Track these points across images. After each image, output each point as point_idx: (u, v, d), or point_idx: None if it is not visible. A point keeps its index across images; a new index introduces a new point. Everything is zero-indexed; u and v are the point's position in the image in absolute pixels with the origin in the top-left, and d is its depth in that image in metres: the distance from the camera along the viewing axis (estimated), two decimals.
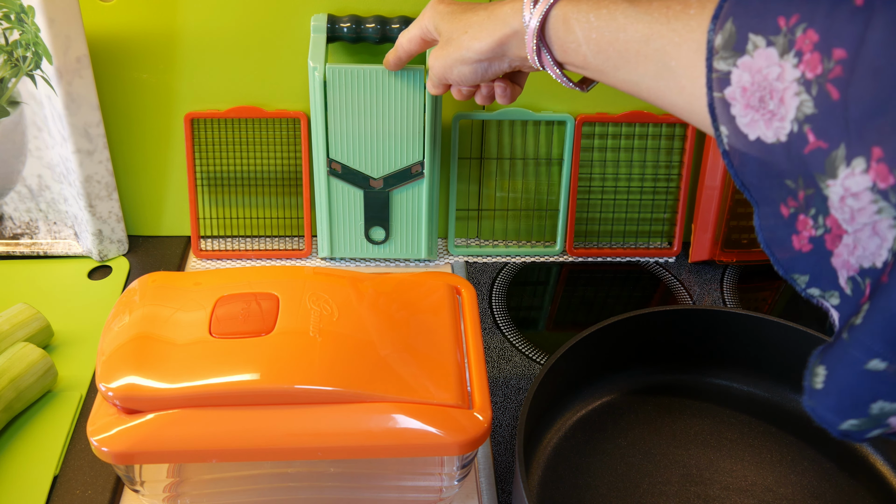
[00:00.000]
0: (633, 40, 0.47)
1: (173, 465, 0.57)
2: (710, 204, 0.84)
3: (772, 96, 0.38)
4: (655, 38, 0.46)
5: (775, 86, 0.38)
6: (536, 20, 0.53)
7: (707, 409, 0.70)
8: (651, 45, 0.46)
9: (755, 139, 0.39)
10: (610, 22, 0.49)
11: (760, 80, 0.38)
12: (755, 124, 0.39)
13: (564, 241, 0.87)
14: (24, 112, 0.78)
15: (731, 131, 0.40)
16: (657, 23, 0.46)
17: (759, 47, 0.38)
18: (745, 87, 0.39)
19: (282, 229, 0.88)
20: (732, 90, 0.40)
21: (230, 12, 0.78)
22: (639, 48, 0.47)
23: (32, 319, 0.71)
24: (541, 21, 0.53)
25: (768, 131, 0.39)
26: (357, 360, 0.54)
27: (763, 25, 0.38)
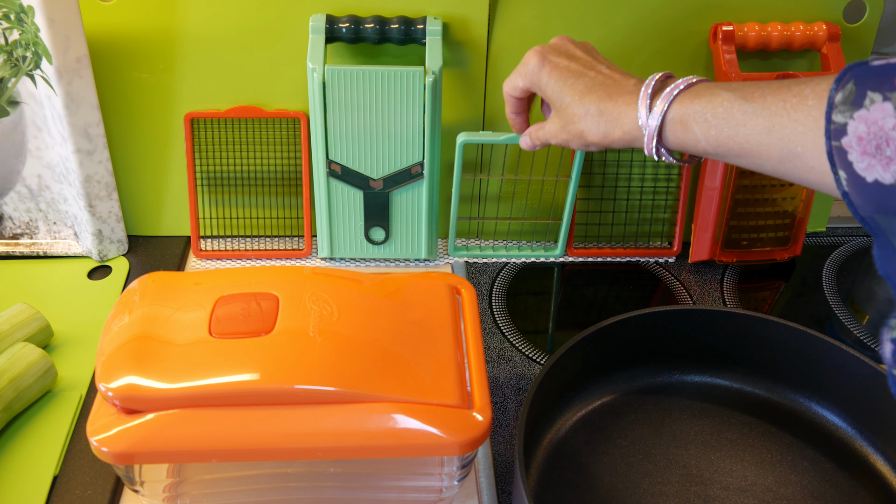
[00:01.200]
0: (754, 133, 0.51)
1: (173, 465, 0.57)
2: (710, 204, 0.84)
3: (888, 144, 0.43)
4: (777, 129, 0.50)
5: (891, 135, 0.43)
6: (655, 125, 0.55)
7: (707, 409, 0.69)
8: (773, 136, 0.50)
9: (873, 181, 0.44)
10: (728, 119, 0.52)
11: (876, 130, 0.43)
12: (872, 168, 0.44)
13: (565, 241, 0.87)
14: (24, 112, 0.78)
15: (849, 175, 0.45)
16: (777, 116, 0.49)
17: (875, 102, 0.43)
18: (861, 137, 0.44)
19: (282, 229, 0.88)
20: (849, 139, 0.44)
21: (230, 12, 0.78)
22: (760, 139, 0.51)
23: (32, 319, 0.71)
24: (661, 120, 0.55)
25: (886, 174, 0.43)
26: (357, 360, 0.54)
27: (880, 84, 0.43)
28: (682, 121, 0.55)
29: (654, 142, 0.56)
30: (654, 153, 0.57)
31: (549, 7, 0.79)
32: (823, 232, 0.94)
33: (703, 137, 0.54)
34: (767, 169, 0.52)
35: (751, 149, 0.52)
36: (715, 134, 0.53)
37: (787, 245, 0.88)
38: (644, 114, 0.56)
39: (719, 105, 0.53)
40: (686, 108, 0.54)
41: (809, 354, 0.67)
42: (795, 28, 0.79)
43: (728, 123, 0.52)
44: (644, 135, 0.57)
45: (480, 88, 0.82)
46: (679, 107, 0.55)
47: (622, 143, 0.59)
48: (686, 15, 0.80)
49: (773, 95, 0.50)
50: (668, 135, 0.56)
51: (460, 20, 0.79)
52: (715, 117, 0.53)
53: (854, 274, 0.89)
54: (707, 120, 0.53)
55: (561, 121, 0.62)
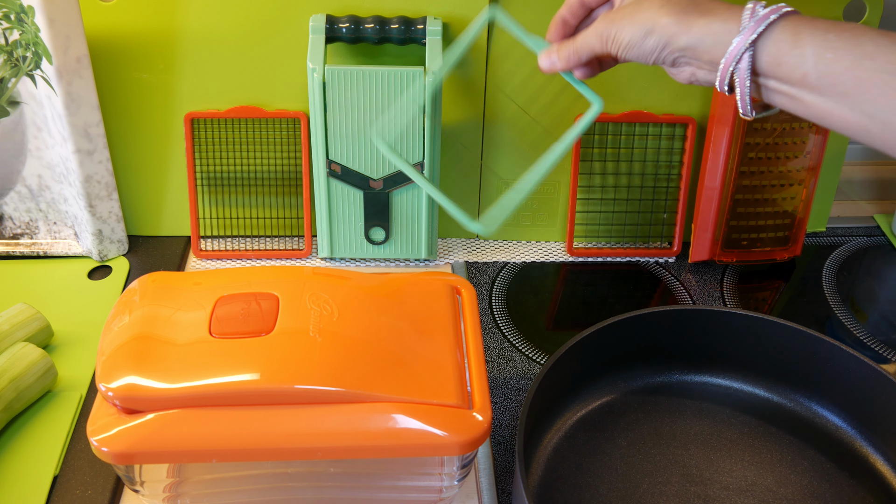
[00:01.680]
0: (883, 70, 0.44)
1: (173, 465, 0.57)
2: (710, 204, 0.84)
3: None
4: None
5: None
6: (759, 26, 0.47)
7: (707, 409, 0.69)
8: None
9: None
10: (855, 46, 0.45)
11: None
12: None
13: (566, 242, 0.87)
14: (24, 112, 0.78)
15: None
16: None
17: None
18: None
19: (282, 229, 0.88)
20: None
21: (230, 12, 0.78)
22: (889, 80, 0.43)
23: (32, 319, 0.71)
24: (766, 27, 0.47)
25: None
26: (357, 360, 0.54)
27: None
28: (796, 31, 0.46)
29: (746, 44, 0.47)
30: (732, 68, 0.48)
31: (549, 7, 0.79)
32: (823, 232, 0.94)
33: (813, 57, 0.45)
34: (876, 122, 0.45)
35: (869, 88, 0.44)
36: (832, 58, 0.45)
37: (787, 245, 0.88)
38: (748, 14, 0.48)
39: (847, 30, 0.45)
40: (804, 22, 0.46)
41: (809, 354, 0.67)
42: None
43: (853, 51, 0.44)
44: (742, 29, 0.47)
45: (480, 88, 0.82)
46: (797, 18, 0.47)
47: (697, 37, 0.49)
48: None
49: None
50: (767, 45, 0.47)
51: (460, 20, 0.79)
52: (840, 39, 0.45)
53: (854, 274, 0.89)
54: (828, 39, 0.45)
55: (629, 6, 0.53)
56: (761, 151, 0.82)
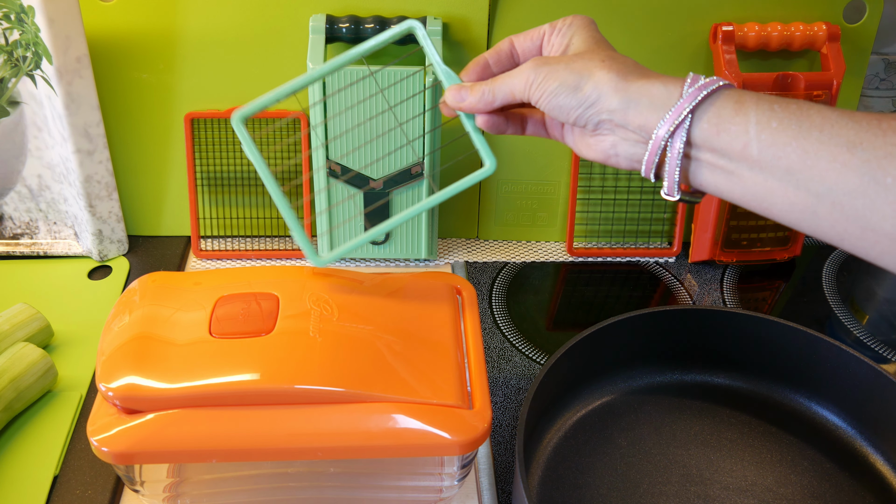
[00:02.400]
0: (832, 143, 0.40)
1: (173, 465, 0.57)
2: (710, 204, 0.84)
3: None
4: (866, 149, 0.40)
5: None
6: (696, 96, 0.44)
7: (707, 409, 0.69)
8: (858, 155, 0.40)
9: None
10: (802, 117, 0.42)
11: None
12: None
13: (566, 242, 0.87)
14: (24, 112, 0.78)
15: None
16: (867, 132, 0.40)
17: None
18: None
19: (282, 229, 0.88)
20: None
21: (230, 13, 0.78)
22: (835, 153, 0.40)
23: (32, 319, 0.71)
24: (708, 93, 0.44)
25: None
26: (357, 360, 0.54)
27: None
28: (739, 100, 0.44)
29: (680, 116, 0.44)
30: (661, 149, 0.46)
31: (549, 7, 0.79)
32: None
33: (756, 125, 0.43)
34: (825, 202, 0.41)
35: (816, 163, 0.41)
36: (776, 127, 0.42)
37: (787, 245, 0.88)
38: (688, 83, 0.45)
39: (792, 101, 0.43)
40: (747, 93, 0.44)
41: (809, 354, 0.67)
42: (795, 28, 0.79)
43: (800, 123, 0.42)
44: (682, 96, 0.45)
45: None
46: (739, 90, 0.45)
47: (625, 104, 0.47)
48: (686, 15, 0.80)
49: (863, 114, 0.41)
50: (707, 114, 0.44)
51: (460, 20, 0.79)
52: (784, 110, 0.42)
53: (854, 274, 0.89)
54: (773, 109, 0.43)
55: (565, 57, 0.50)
56: None
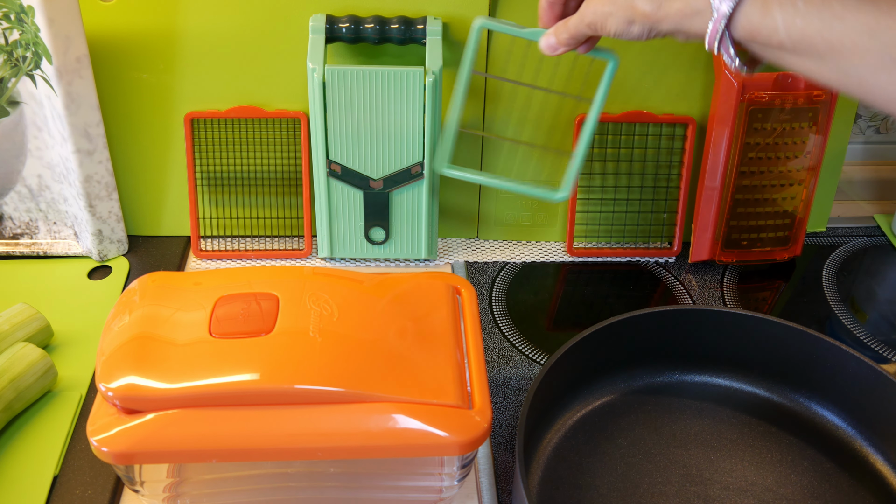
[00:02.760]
0: (853, 31, 0.44)
1: (173, 465, 0.57)
2: (710, 204, 0.84)
3: None
4: (883, 31, 0.43)
5: None
6: (729, 5, 0.48)
7: (707, 409, 0.70)
8: (877, 39, 0.44)
9: None
10: (823, 10, 0.45)
11: None
12: None
13: (566, 242, 0.87)
14: (24, 112, 0.78)
15: None
16: (886, 15, 0.43)
17: None
18: None
19: (282, 229, 0.88)
20: None
21: (230, 13, 0.78)
22: (857, 39, 0.44)
23: (32, 319, 0.71)
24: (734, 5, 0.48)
25: None
26: (357, 360, 0.54)
27: None
28: (764, 2, 0.47)
29: (721, 24, 0.48)
30: (716, 41, 0.50)
31: None
32: (823, 232, 0.94)
33: (784, 27, 0.47)
34: (851, 79, 0.46)
35: (841, 49, 0.45)
36: (801, 25, 0.46)
37: (787, 245, 0.88)
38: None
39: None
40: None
41: (809, 354, 0.67)
42: None
43: (821, 14, 0.45)
44: (713, 11, 0.49)
45: (480, 89, 0.82)
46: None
47: (676, 20, 0.51)
48: None
49: None
50: (740, 18, 0.48)
51: (460, 20, 0.79)
52: (807, 4, 0.46)
53: (854, 274, 0.89)
54: (796, 6, 0.46)
55: None
56: (761, 151, 0.82)
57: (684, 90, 0.83)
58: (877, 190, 1.01)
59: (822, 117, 0.81)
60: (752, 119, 0.79)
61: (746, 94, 0.78)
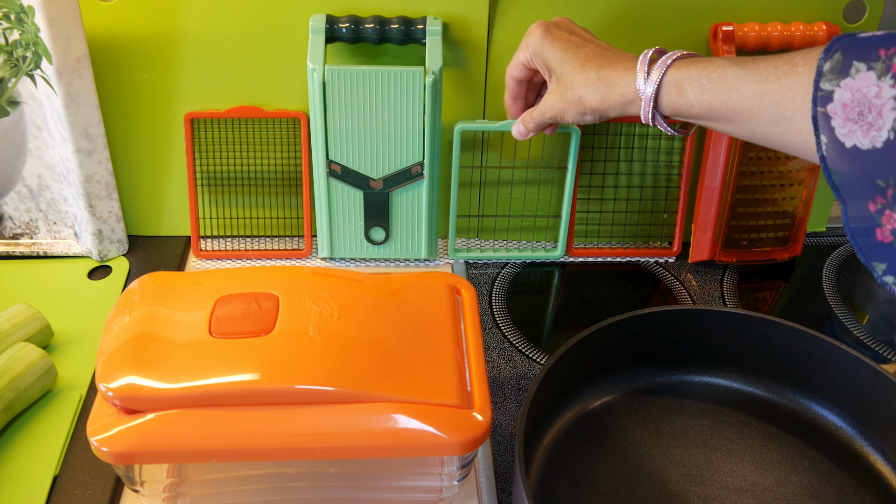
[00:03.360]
0: (746, 98, 0.54)
1: (173, 465, 0.57)
2: (710, 204, 0.84)
3: (870, 111, 0.46)
4: (769, 95, 0.52)
5: (874, 102, 0.46)
6: (652, 89, 0.58)
7: (707, 409, 0.70)
8: (765, 100, 0.53)
9: (851, 146, 0.47)
10: (722, 84, 0.55)
11: (860, 98, 0.46)
12: (853, 134, 0.47)
13: (565, 241, 0.87)
14: (24, 112, 0.78)
15: (830, 140, 0.48)
16: (768, 81, 0.52)
17: (860, 71, 0.46)
18: (845, 104, 0.47)
19: (282, 229, 0.88)
20: (834, 106, 0.48)
21: (230, 12, 0.78)
22: (752, 103, 0.53)
23: (32, 319, 0.71)
24: (656, 87, 0.58)
25: (864, 139, 0.46)
26: (357, 360, 0.54)
27: (866, 55, 0.46)
28: (678, 84, 0.57)
29: (650, 106, 0.59)
30: (650, 118, 0.60)
31: (549, 7, 0.79)
32: (823, 232, 0.94)
33: (696, 101, 0.56)
34: (757, 134, 0.55)
35: (742, 112, 0.54)
36: (709, 98, 0.56)
37: (787, 245, 0.88)
38: (642, 79, 0.59)
39: (714, 70, 0.55)
40: (682, 73, 0.57)
41: (809, 354, 0.67)
42: (795, 28, 0.79)
43: (721, 88, 0.55)
44: (641, 99, 0.59)
45: (480, 88, 0.82)
46: (675, 72, 0.57)
47: (618, 109, 0.62)
48: (686, 15, 0.80)
49: (766, 63, 0.53)
50: (663, 99, 0.58)
51: (460, 20, 0.79)
52: (710, 81, 0.55)
53: (854, 274, 0.89)
54: (702, 84, 0.56)
55: (560, 89, 0.65)
56: (761, 151, 0.82)
57: None
58: None
59: None
60: None
61: None
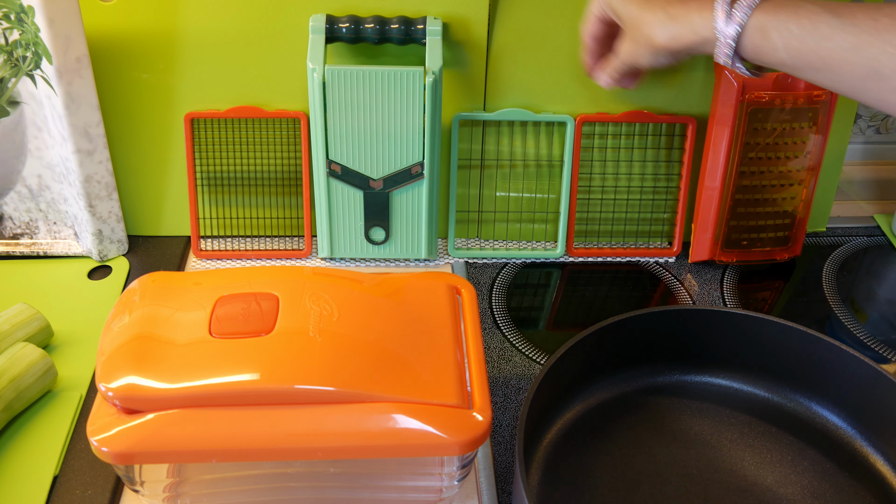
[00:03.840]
0: (839, 49, 0.51)
1: (173, 465, 0.57)
2: (710, 204, 0.84)
3: None
4: (865, 48, 0.50)
5: None
6: (734, 30, 0.55)
7: (707, 409, 0.70)
8: (860, 54, 0.50)
9: None
10: (813, 32, 0.52)
11: None
12: None
13: (565, 242, 0.87)
14: (24, 112, 0.78)
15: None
16: (866, 34, 0.50)
17: None
18: None
19: (282, 229, 0.88)
20: None
21: (230, 12, 0.78)
22: (844, 55, 0.51)
23: (32, 319, 0.71)
24: (737, 31, 0.55)
25: None
26: (357, 360, 0.54)
27: None
28: (763, 29, 0.54)
29: (729, 49, 0.56)
30: (728, 60, 0.57)
31: (549, 7, 0.79)
32: (823, 232, 0.94)
33: (783, 48, 0.54)
34: (845, 87, 0.52)
35: (832, 64, 0.52)
36: (797, 45, 0.53)
37: (787, 245, 0.88)
38: (722, 18, 0.56)
39: (805, 17, 0.52)
40: (768, 17, 0.54)
41: (809, 354, 0.67)
42: None
43: (812, 36, 0.52)
44: (719, 39, 0.56)
45: (480, 89, 0.82)
46: (761, 14, 0.54)
47: (691, 48, 0.59)
48: None
49: (864, 13, 0.50)
50: (745, 42, 0.55)
51: (460, 20, 0.79)
52: (799, 28, 0.53)
53: (854, 274, 0.89)
54: (790, 30, 0.53)
55: (631, 33, 0.63)
56: (761, 151, 0.82)
57: (684, 90, 0.83)
58: (877, 190, 1.01)
59: (822, 117, 0.81)
60: (752, 119, 0.79)
61: (746, 95, 0.78)
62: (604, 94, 0.83)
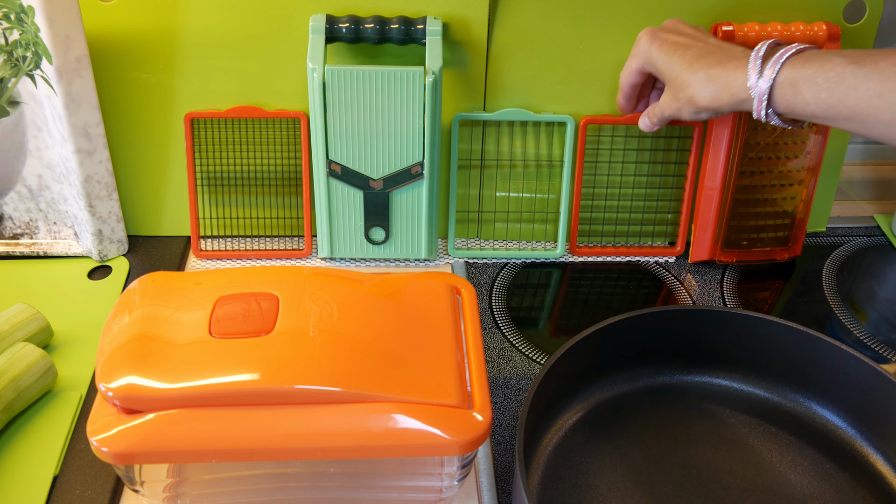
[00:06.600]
0: (865, 97, 0.54)
1: (173, 465, 0.57)
2: (710, 204, 0.84)
3: None
4: (889, 94, 0.52)
5: None
6: (766, 86, 0.58)
7: (707, 409, 0.70)
8: (885, 100, 0.53)
9: None
10: (839, 83, 0.55)
11: None
12: None
13: (566, 243, 0.87)
14: (24, 112, 0.78)
15: None
16: (889, 80, 0.52)
17: None
18: None
19: (282, 229, 0.88)
20: None
21: (230, 12, 0.78)
22: (871, 102, 0.53)
23: (32, 319, 0.71)
24: (769, 89, 0.58)
25: None
26: (357, 360, 0.54)
27: None
28: (793, 84, 0.57)
29: (763, 105, 0.58)
30: (763, 116, 0.59)
31: (549, 7, 0.79)
32: (823, 232, 0.94)
33: (812, 101, 0.56)
34: (876, 133, 0.55)
35: (860, 112, 0.54)
36: (825, 97, 0.55)
37: (787, 245, 0.88)
38: (754, 77, 0.58)
39: (830, 69, 0.55)
40: (796, 72, 0.57)
41: (809, 354, 0.67)
42: (795, 28, 0.79)
43: (839, 87, 0.54)
44: (753, 98, 0.59)
45: (480, 89, 0.82)
46: (789, 70, 0.57)
47: (731, 107, 0.62)
48: (686, 15, 0.80)
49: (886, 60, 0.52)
50: (777, 98, 0.58)
51: (460, 20, 0.79)
52: (826, 81, 0.55)
53: (854, 274, 0.89)
54: (818, 84, 0.55)
55: (672, 91, 0.65)
56: (761, 151, 0.82)
57: None
58: (877, 190, 1.01)
59: None
60: (752, 119, 0.79)
61: None
62: (604, 95, 0.83)
